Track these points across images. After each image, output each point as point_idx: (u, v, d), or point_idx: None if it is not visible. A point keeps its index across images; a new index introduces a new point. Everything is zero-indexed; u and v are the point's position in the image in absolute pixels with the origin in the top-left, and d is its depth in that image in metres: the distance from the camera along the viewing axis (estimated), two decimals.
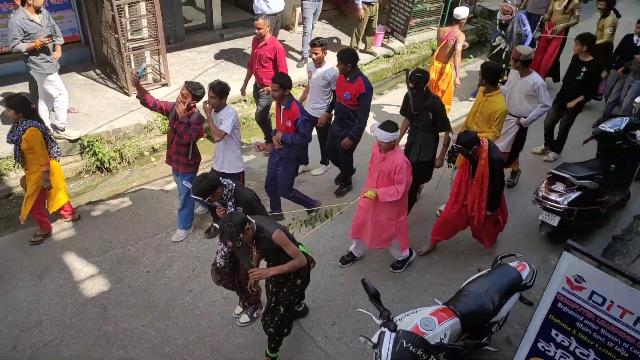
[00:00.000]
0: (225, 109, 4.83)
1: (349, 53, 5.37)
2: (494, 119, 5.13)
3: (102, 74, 7.50)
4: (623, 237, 5.80)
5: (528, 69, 5.55)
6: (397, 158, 4.43)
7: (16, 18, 5.42)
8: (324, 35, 9.40)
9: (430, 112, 5.10)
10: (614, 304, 2.92)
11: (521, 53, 5.44)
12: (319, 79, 5.76)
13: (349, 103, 5.47)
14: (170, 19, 8.08)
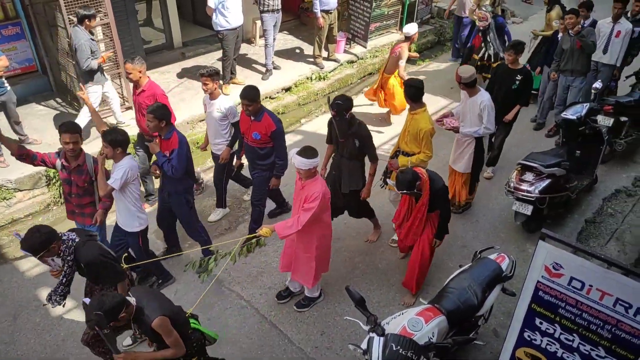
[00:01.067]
0: (122, 160, 4.22)
1: (251, 90, 4.86)
2: (420, 139, 4.90)
3: (63, 102, 7.32)
4: (595, 220, 5.97)
5: (476, 88, 5.40)
6: (316, 186, 4.10)
7: (82, 38, 5.95)
8: (286, 45, 9.44)
9: (356, 139, 4.80)
10: (593, 287, 2.99)
11: (462, 75, 5.27)
12: (214, 112, 5.27)
13: (260, 143, 5.00)
14: (129, 42, 7.96)
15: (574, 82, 6.90)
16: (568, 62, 6.81)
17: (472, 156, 5.54)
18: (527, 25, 11.44)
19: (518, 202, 5.48)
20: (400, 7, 9.88)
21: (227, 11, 7.27)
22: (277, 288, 5.04)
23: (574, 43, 6.66)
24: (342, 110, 4.66)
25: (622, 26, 6.94)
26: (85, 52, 5.97)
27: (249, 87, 4.93)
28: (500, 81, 6.08)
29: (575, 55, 6.69)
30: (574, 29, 6.60)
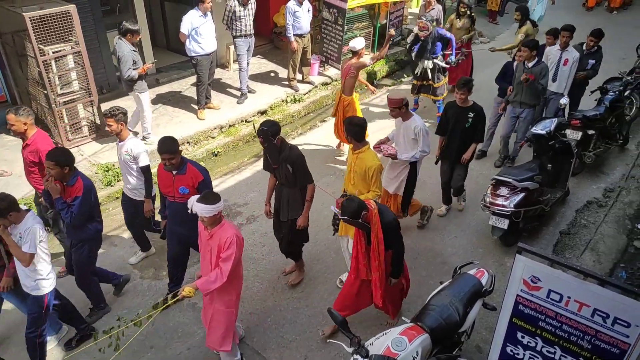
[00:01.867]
0: (24, 221, 3.89)
1: (170, 143, 4.31)
2: (369, 177, 4.61)
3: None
4: (569, 231, 6.09)
5: (408, 113, 5.33)
6: (227, 232, 3.75)
7: (126, 49, 6.31)
8: (261, 69, 9.51)
9: (288, 164, 4.56)
10: (571, 299, 3.03)
11: (393, 99, 5.19)
12: (122, 155, 4.97)
13: (188, 198, 4.19)
14: (102, 69, 7.91)
15: (523, 113, 6.72)
16: (518, 93, 6.65)
17: (405, 179, 5.49)
18: (493, 44, 11.79)
19: (494, 216, 5.56)
20: (372, 30, 10.09)
21: (201, 37, 7.30)
22: (257, 313, 4.97)
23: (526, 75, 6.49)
24: (269, 136, 4.45)
25: (570, 54, 6.92)
26: (128, 62, 6.34)
27: (167, 139, 4.36)
28: (453, 121, 5.76)
29: (524, 87, 6.51)
30: (526, 61, 6.47)
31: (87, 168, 6.50)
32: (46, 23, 6.09)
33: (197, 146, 7.49)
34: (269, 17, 10.31)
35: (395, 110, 5.29)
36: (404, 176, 5.49)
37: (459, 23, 8.65)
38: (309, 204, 4.78)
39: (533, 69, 6.41)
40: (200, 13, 7.25)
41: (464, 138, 5.77)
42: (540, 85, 6.43)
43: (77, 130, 6.91)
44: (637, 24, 12.72)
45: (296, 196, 4.75)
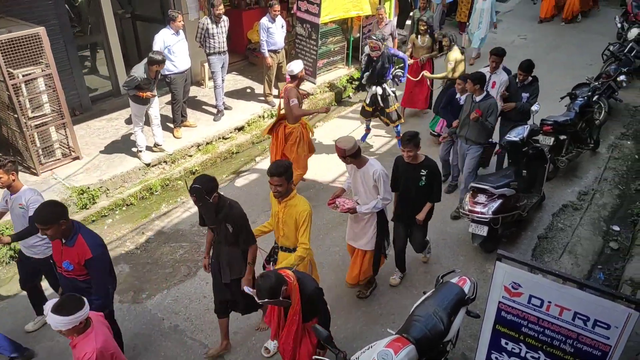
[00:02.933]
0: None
1: (48, 211, 3.58)
2: (299, 225, 4.12)
3: (5, 156, 6.97)
4: (547, 235, 6.20)
5: (363, 158, 4.67)
6: (88, 344, 3.09)
7: (139, 72, 6.45)
8: (237, 86, 9.50)
9: (228, 224, 4.05)
10: (552, 303, 3.07)
11: (345, 148, 4.50)
12: (16, 209, 4.35)
13: (76, 274, 3.77)
14: (74, 91, 7.79)
15: (469, 150, 6.16)
16: (464, 127, 6.11)
17: (375, 230, 4.85)
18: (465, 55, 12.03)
19: (474, 223, 5.62)
20: (346, 44, 10.20)
21: (174, 55, 7.28)
22: (241, 333, 4.89)
23: (472, 110, 5.91)
24: (204, 195, 3.89)
25: (498, 77, 6.64)
26: (133, 81, 6.44)
27: (43, 207, 3.65)
28: (404, 178, 5.00)
29: (472, 123, 5.96)
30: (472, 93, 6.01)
31: (61, 192, 6.37)
32: (15, 46, 5.99)
33: (175, 165, 7.41)
34: (243, 33, 10.33)
35: (347, 160, 4.62)
36: (372, 229, 4.84)
37: (420, 42, 8.30)
38: (250, 267, 4.23)
39: (481, 103, 5.88)
40: (172, 31, 7.24)
41: (420, 197, 5.03)
42: (489, 123, 5.87)
43: (49, 153, 6.77)
44: (601, 31, 13.14)
45: (237, 256, 4.21)
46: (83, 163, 6.96)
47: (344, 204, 4.74)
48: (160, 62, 6.47)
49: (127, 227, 6.39)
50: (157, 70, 6.58)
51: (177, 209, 6.74)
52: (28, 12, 6.90)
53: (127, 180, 6.94)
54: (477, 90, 5.88)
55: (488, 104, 5.89)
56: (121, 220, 6.54)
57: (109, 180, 6.74)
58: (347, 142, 4.55)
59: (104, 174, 6.79)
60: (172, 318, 5.06)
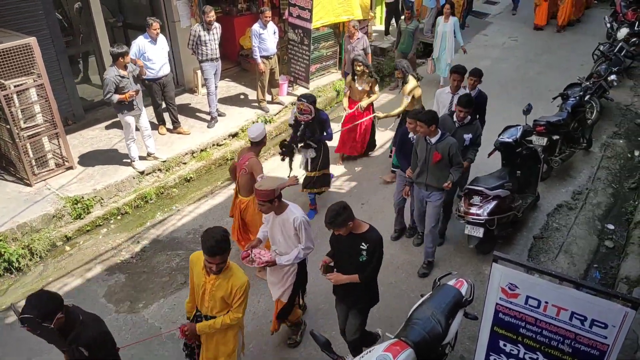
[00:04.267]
0: None
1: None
2: (236, 299, 3.51)
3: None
4: (542, 235, 6.21)
5: (282, 203, 4.12)
6: None
7: (110, 74, 6.34)
8: (230, 92, 9.49)
9: (81, 347, 3.17)
10: (549, 304, 3.07)
11: (261, 191, 3.95)
12: None
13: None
14: (66, 100, 7.76)
15: (430, 197, 5.29)
16: (422, 173, 5.20)
17: (293, 283, 4.42)
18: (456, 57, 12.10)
19: (469, 225, 5.63)
20: (338, 48, 10.23)
21: (150, 62, 7.38)
22: None
23: (429, 154, 5.08)
24: (40, 324, 3.03)
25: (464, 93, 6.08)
26: (109, 86, 6.34)
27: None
28: (341, 252, 4.05)
29: (431, 168, 5.13)
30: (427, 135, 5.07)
31: (54, 202, 6.33)
32: (6, 57, 5.96)
33: (169, 173, 7.39)
34: (235, 40, 10.34)
35: (265, 205, 4.00)
36: (291, 281, 4.40)
37: (357, 85, 7.12)
38: None
39: (438, 145, 5.05)
40: (149, 39, 7.33)
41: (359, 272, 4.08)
42: (456, 168, 5.12)
43: (43, 164, 6.73)
44: (591, 31, 13.26)
45: None
46: (77, 173, 6.92)
47: (261, 256, 4.21)
48: (123, 54, 6.35)
49: (122, 236, 6.36)
50: (126, 64, 6.45)
51: (172, 217, 6.72)
52: (19, 23, 6.87)
53: (122, 189, 6.91)
54: (431, 131, 5.05)
55: (446, 144, 5.03)
56: (116, 229, 6.50)
57: (103, 189, 6.71)
58: (266, 186, 3.94)
59: (98, 184, 6.75)
60: (170, 327, 5.02)
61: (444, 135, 5.11)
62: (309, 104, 5.88)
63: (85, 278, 5.69)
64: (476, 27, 13.86)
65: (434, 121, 4.98)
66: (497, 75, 10.99)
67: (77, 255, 6.06)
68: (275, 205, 4.08)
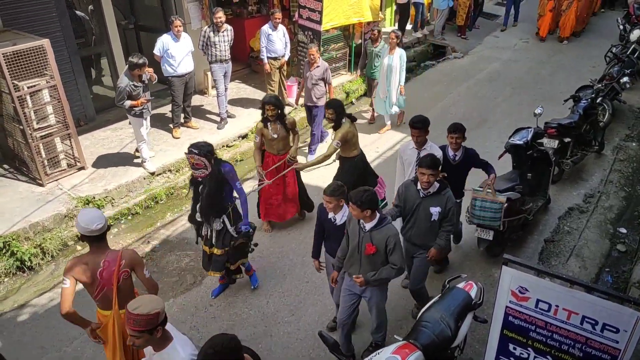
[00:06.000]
0: None
1: None
2: None
3: (11, 168, 7.05)
4: (553, 239, 6.16)
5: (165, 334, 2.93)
6: None
7: (123, 83, 6.43)
8: (240, 94, 9.53)
9: None
10: (559, 307, 3.05)
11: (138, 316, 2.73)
12: None
13: None
14: (78, 101, 7.85)
15: (366, 292, 4.18)
16: (354, 264, 4.07)
17: None
18: (467, 59, 12.06)
19: (479, 228, 5.60)
20: (348, 50, 10.24)
21: (172, 59, 7.53)
22: (248, 340, 4.88)
23: (362, 242, 3.93)
24: None
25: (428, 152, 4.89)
26: (121, 95, 6.46)
27: None
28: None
29: (363, 259, 3.98)
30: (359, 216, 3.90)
31: (66, 202, 6.39)
32: (20, 58, 6.04)
33: (179, 173, 7.43)
34: (246, 42, 10.38)
35: (141, 336, 2.78)
36: None
37: (271, 132, 5.74)
38: None
39: (373, 234, 3.87)
40: (172, 36, 7.49)
41: None
42: (392, 269, 3.92)
43: (55, 164, 6.80)
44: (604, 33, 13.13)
45: None
46: (88, 173, 6.99)
47: None
48: (141, 65, 6.40)
49: (132, 236, 6.40)
50: (140, 75, 6.52)
51: (182, 218, 6.75)
52: (32, 25, 6.96)
53: (132, 190, 6.96)
54: (365, 216, 3.86)
55: (384, 235, 3.86)
56: (127, 229, 6.55)
57: (114, 189, 6.77)
58: (146, 308, 2.75)
59: (109, 184, 6.81)
60: (179, 327, 4.97)
61: (384, 221, 3.91)
62: (200, 156, 4.41)
63: None
64: (487, 29, 13.81)
65: (369, 204, 3.76)
66: (508, 77, 10.95)
67: None
68: (157, 337, 2.81)
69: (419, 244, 4.58)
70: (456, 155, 5.16)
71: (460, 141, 5.06)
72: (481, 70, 11.35)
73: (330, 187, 4.11)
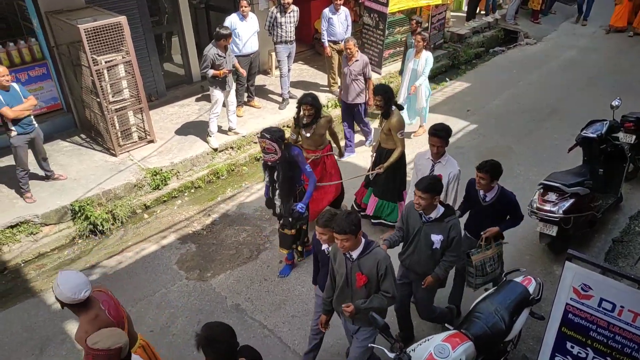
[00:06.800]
0: None
1: None
2: None
3: (88, 138, 7.54)
4: (622, 239, 5.83)
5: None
6: None
7: (210, 52, 6.74)
8: (302, 75, 9.60)
9: None
10: (625, 308, 2.91)
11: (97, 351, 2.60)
12: None
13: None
14: (150, 77, 8.21)
15: (357, 334, 3.82)
16: (345, 300, 3.67)
17: None
18: (541, 46, 11.48)
19: (542, 222, 5.39)
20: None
21: (238, 38, 7.73)
22: (299, 316, 5.01)
23: (351, 274, 3.52)
24: None
25: (445, 168, 4.73)
26: (205, 62, 6.76)
27: None
28: None
29: (355, 293, 3.59)
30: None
31: (136, 172, 6.76)
32: (99, 34, 6.39)
33: (240, 151, 7.64)
34: (310, 23, 10.41)
35: None
36: None
37: (305, 132, 5.67)
38: None
39: (361, 262, 3.47)
40: (240, 16, 7.70)
41: None
42: (381, 299, 3.51)
43: (127, 136, 7.20)
44: None
45: None
46: (157, 146, 7.34)
47: None
48: (227, 36, 6.73)
49: (194, 209, 6.69)
50: (226, 45, 6.80)
51: (241, 194, 6.97)
52: (110, 2, 7.34)
53: (196, 164, 7.25)
54: (346, 245, 3.37)
55: (374, 259, 3.45)
56: (189, 202, 6.85)
57: (180, 163, 7.08)
58: (115, 338, 2.64)
59: (175, 157, 7.13)
60: (234, 297, 5.26)
61: (370, 245, 3.49)
62: (272, 141, 4.54)
63: (160, 245, 6.06)
64: (564, 14, 13.04)
65: (351, 230, 3.29)
66: (584, 66, 10.33)
67: (154, 223, 6.45)
68: None
69: (419, 273, 4.13)
70: (486, 196, 4.39)
71: (487, 182, 4.23)
72: (555, 58, 10.77)
73: (324, 217, 3.62)
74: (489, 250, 4.38)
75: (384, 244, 4.03)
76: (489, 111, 8.74)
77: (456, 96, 9.46)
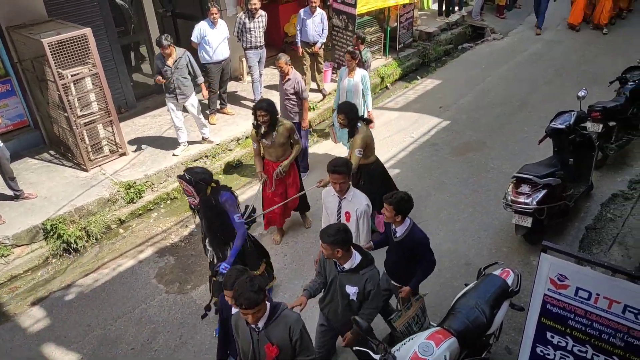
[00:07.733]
0: None
1: None
2: None
3: (57, 154, 7.36)
4: (595, 226, 5.97)
5: None
6: None
7: (157, 59, 6.80)
8: (274, 79, 9.55)
9: None
10: (600, 296, 2.97)
11: None
12: None
13: None
14: (119, 89, 8.07)
15: None
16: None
17: None
18: (507, 40, 11.68)
19: (517, 214, 5.47)
20: (382, 34, 10.09)
21: (208, 46, 7.67)
22: None
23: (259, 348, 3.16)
24: None
25: (351, 204, 4.34)
26: (157, 67, 6.86)
27: None
28: None
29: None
30: None
31: (109, 186, 6.63)
32: (64, 47, 6.25)
33: (215, 159, 7.57)
34: (280, 27, 10.39)
35: None
36: None
37: (267, 141, 5.43)
38: None
39: (269, 332, 3.09)
40: (209, 23, 7.63)
41: None
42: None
43: (98, 150, 7.05)
44: None
45: None
46: (129, 159, 7.21)
47: None
48: (162, 46, 6.57)
49: (171, 220, 6.59)
50: (164, 55, 6.68)
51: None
52: (74, 14, 7.20)
53: (171, 175, 7.14)
54: (250, 319, 3.01)
55: (284, 326, 3.10)
56: (166, 213, 6.75)
57: (154, 175, 6.97)
58: None
59: (149, 169, 7.02)
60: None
61: (276, 309, 3.11)
62: (189, 184, 4.10)
63: (137, 260, 5.95)
64: (529, 8, 13.28)
65: (250, 303, 2.89)
66: (550, 58, 10.55)
67: (130, 238, 6.34)
68: None
69: (336, 326, 3.89)
70: (397, 231, 4.06)
71: (390, 215, 3.92)
72: (522, 52, 10.98)
73: (230, 279, 3.20)
74: (410, 309, 3.94)
75: (303, 295, 3.79)
76: (461, 107, 8.85)
77: (428, 93, 9.56)
